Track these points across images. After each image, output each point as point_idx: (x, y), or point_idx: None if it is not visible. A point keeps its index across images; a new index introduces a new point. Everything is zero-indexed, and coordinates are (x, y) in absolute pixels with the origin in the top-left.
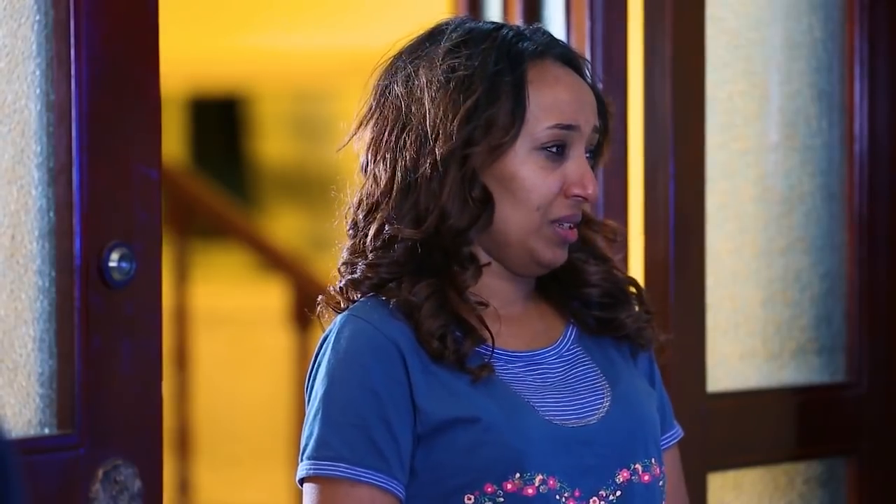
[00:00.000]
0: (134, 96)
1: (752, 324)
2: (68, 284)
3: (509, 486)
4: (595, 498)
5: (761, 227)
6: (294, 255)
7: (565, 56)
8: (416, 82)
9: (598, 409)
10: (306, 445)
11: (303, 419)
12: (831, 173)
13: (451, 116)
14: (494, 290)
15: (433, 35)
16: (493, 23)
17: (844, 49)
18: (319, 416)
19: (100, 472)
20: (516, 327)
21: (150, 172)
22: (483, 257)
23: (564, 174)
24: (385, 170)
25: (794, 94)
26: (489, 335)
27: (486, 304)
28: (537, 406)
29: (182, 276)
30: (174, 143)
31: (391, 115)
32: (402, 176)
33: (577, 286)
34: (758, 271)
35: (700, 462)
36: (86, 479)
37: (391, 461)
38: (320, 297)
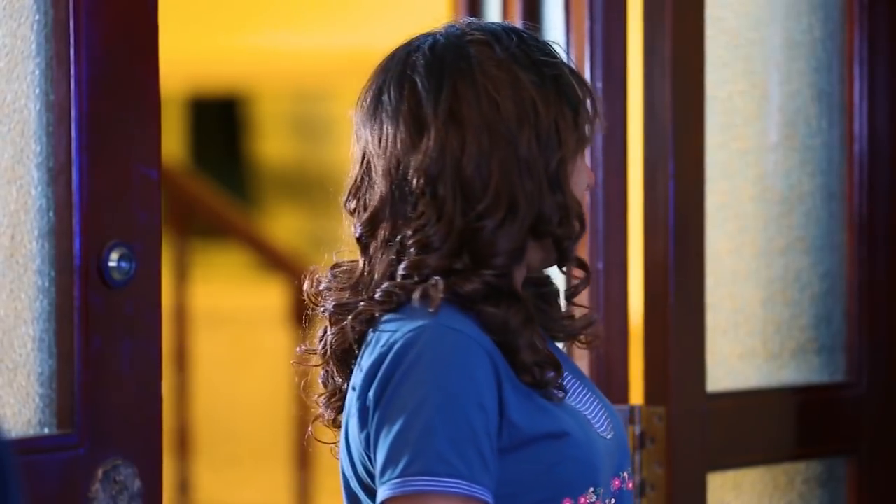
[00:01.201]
0: (134, 96)
1: (752, 324)
2: (68, 284)
3: (583, 500)
4: None
5: (761, 226)
6: (294, 255)
7: None
8: (511, 80)
9: (606, 419)
10: (412, 460)
11: (301, 419)
12: (831, 173)
13: (570, 116)
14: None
15: (462, 36)
16: (499, 24)
17: (844, 49)
18: (434, 430)
19: (99, 472)
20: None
21: (149, 172)
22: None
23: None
24: (497, 178)
25: (794, 93)
26: (561, 364)
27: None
28: (590, 419)
29: (182, 276)
30: (174, 143)
31: (480, 116)
32: (520, 184)
33: None
34: (757, 271)
35: (700, 462)
36: (85, 479)
37: (494, 476)
38: (384, 295)
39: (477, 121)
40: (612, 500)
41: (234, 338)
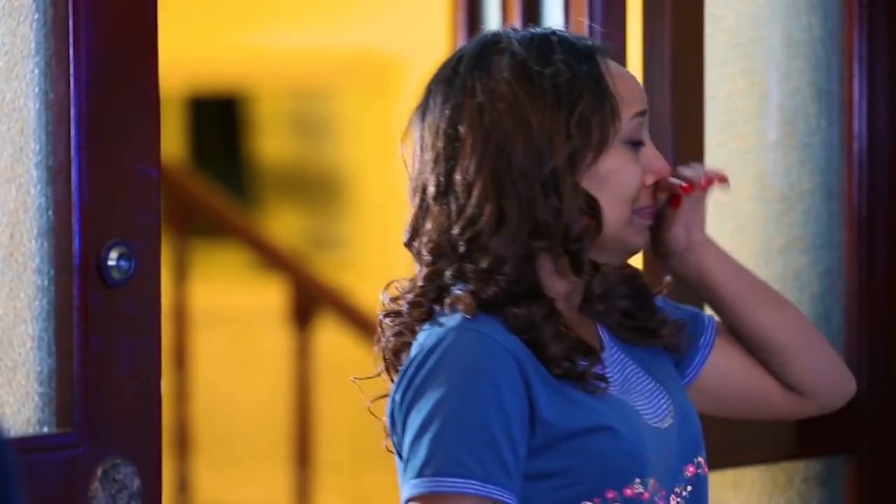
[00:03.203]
0: (133, 95)
1: None
2: (67, 283)
3: (629, 491)
4: (673, 495)
5: (760, 225)
6: (293, 255)
7: (604, 48)
8: (508, 93)
9: (668, 408)
10: (427, 461)
11: (301, 418)
12: (830, 171)
13: (563, 125)
14: (570, 293)
15: (490, 46)
16: (539, 28)
17: (843, 47)
18: (448, 432)
19: (99, 471)
20: (579, 332)
21: (149, 171)
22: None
23: (643, 162)
24: (484, 186)
25: (794, 92)
26: (598, 351)
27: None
28: (638, 410)
29: (181, 275)
30: (173, 141)
31: (478, 129)
32: (512, 191)
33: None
34: (757, 270)
35: None
36: (85, 478)
37: (514, 477)
38: (410, 305)
39: (475, 133)
40: (689, 488)
41: (234, 337)
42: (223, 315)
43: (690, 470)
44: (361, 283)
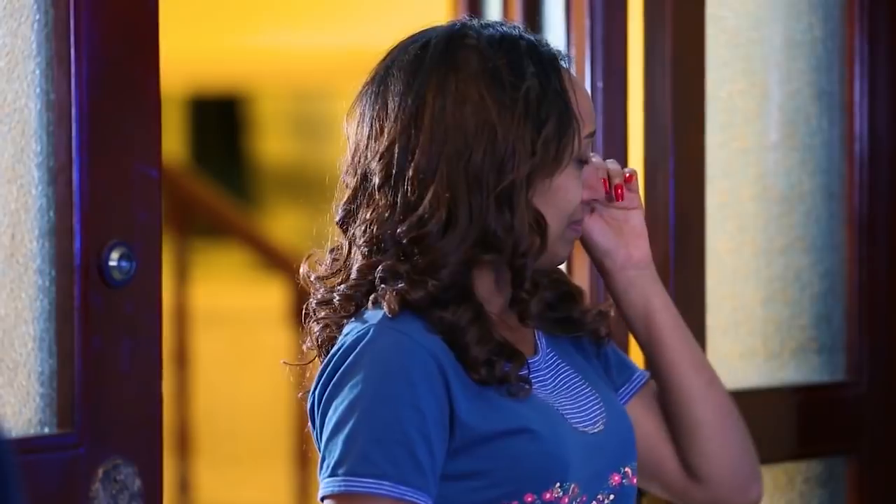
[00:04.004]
0: (134, 95)
1: (752, 323)
2: (68, 284)
3: (548, 495)
4: (594, 502)
5: (761, 226)
6: (294, 255)
7: (564, 57)
8: (475, 96)
9: (600, 414)
10: (340, 460)
11: (301, 418)
12: (831, 172)
13: (529, 141)
14: (502, 298)
15: (458, 39)
16: (504, 26)
17: (844, 48)
18: (361, 431)
19: (100, 472)
20: (510, 336)
21: (150, 171)
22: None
23: (583, 179)
24: (437, 187)
25: (794, 93)
26: (523, 354)
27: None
28: (564, 414)
29: (182, 276)
30: (174, 142)
31: (438, 127)
32: (466, 197)
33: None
34: (758, 270)
35: None
36: (85, 479)
37: (429, 478)
38: (341, 299)
39: (434, 130)
40: (612, 496)
41: (234, 337)
42: (224, 315)
43: (616, 479)
44: None
